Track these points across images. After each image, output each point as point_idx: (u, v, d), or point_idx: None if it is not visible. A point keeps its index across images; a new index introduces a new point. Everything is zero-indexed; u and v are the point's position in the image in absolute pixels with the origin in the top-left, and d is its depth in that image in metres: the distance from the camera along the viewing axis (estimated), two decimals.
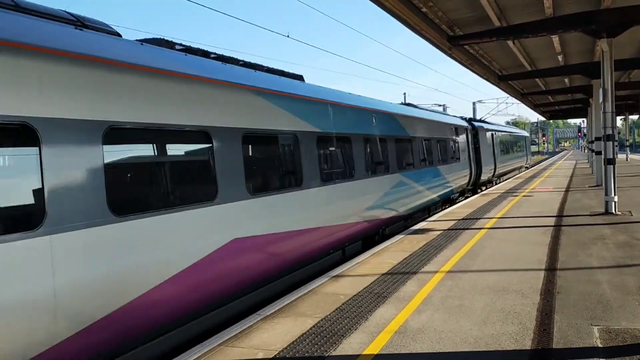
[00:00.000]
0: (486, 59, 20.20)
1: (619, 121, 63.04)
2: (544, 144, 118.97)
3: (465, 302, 6.27)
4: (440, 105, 50.70)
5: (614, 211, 13.13)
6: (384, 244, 10.45)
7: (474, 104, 55.71)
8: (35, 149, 4.40)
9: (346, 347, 5.04)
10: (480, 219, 13.23)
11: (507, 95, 31.76)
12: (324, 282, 7.58)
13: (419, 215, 15.09)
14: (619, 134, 56.21)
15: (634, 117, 77.92)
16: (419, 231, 11.82)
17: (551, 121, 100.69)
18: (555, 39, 16.89)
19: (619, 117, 52.05)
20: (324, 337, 5.32)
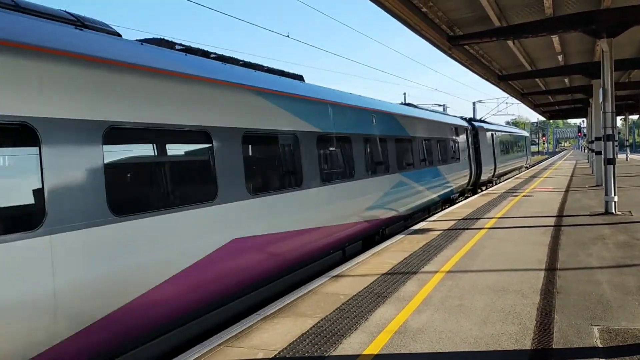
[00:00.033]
0: (486, 59, 20.20)
1: (619, 121, 63.11)
2: (544, 144, 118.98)
3: (465, 302, 6.28)
4: (440, 105, 50.73)
5: (614, 211, 13.14)
6: (384, 244, 10.45)
7: (474, 104, 55.74)
8: (35, 149, 4.41)
9: (346, 347, 5.04)
10: (480, 219, 13.23)
11: (507, 95, 31.78)
12: (324, 282, 7.58)
13: (419, 215, 15.08)
14: (619, 134, 56.20)
15: (634, 117, 77.97)
16: (419, 231, 11.82)
17: (551, 121, 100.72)
18: (555, 39, 16.89)
19: (619, 117, 52.08)
20: (324, 337, 5.32)
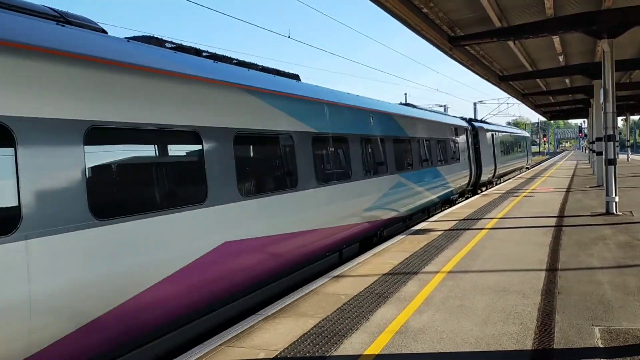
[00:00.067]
0: (487, 59, 20.20)
1: (620, 122, 63.09)
2: (544, 144, 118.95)
3: (466, 302, 6.28)
4: (441, 105, 50.70)
5: (614, 211, 13.13)
6: (385, 244, 10.46)
7: (475, 104, 55.64)
8: (10, 150, 4.21)
9: (347, 347, 5.04)
10: (481, 219, 13.24)
11: (508, 95, 31.75)
12: (325, 282, 7.58)
13: (418, 216, 14.97)
14: (620, 134, 56.17)
15: (635, 117, 77.94)
16: (420, 231, 11.82)
17: (552, 122, 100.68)
18: (556, 39, 16.89)
19: (619, 118, 52.04)
20: (325, 337, 5.33)
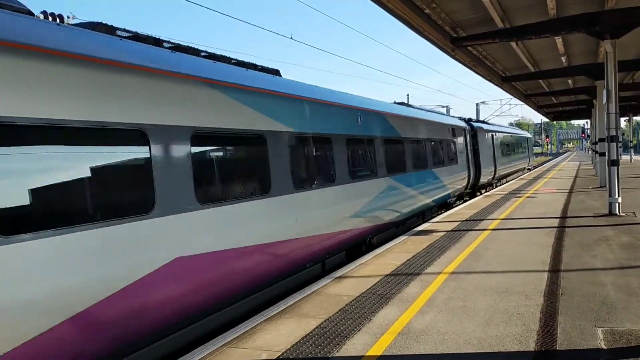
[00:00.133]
0: (489, 60, 20.18)
1: (623, 122, 62.94)
2: (547, 145, 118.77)
3: (468, 303, 6.27)
4: (443, 106, 50.70)
5: (617, 212, 13.10)
6: (387, 245, 10.45)
7: (478, 105, 55.51)
8: None
9: (349, 349, 5.04)
10: (483, 220, 13.22)
11: (511, 96, 31.71)
12: (327, 283, 7.58)
13: (413, 221, 14.32)
14: (623, 135, 56.09)
15: (638, 118, 77.73)
16: (422, 232, 11.81)
17: (555, 122, 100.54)
18: (558, 40, 16.86)
19: (622, 119, 51.97)
20: (327, 338, 5.33)
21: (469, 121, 23.86)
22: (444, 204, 18.11)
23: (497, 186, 27.77)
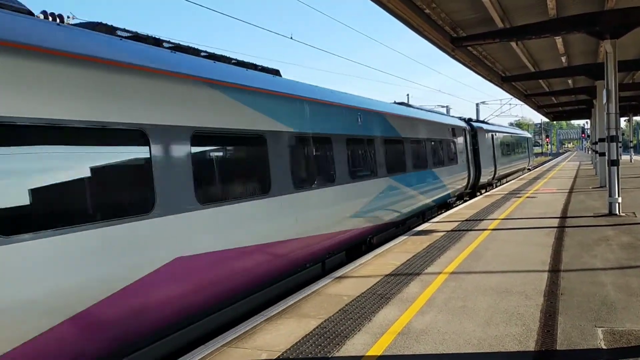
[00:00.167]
0: (489, 60, 20.18)
1: (623, 122, 62.95)
2: (547, 145, 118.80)
3: (468, 303, 6.27)
4: (443, 106, 50.69)
5: (617, 212, 13.10)
6: (387, 245, 10.45)
7: (478, 105, 55.53)
8: None
9: (350, 349, 5.04)
10: (483, 220, 13.22)
11: (511, 96, 31.72)
12: (327, 283, 7.58)
13: (413, 221, 14.33)
14: (623, 135, 56.10)
15: (638, 118, 77.74)
16: (422, 232, 11.81)
17: (555, 122, 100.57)
18: (558, 40, 16.86)
19: (622, 119, 51.98)
20: (327, 338, 5.33)
21: (469, 121, 23.84)
22: (444, 204, 18.08)
23: (497, 186, 27.75)
